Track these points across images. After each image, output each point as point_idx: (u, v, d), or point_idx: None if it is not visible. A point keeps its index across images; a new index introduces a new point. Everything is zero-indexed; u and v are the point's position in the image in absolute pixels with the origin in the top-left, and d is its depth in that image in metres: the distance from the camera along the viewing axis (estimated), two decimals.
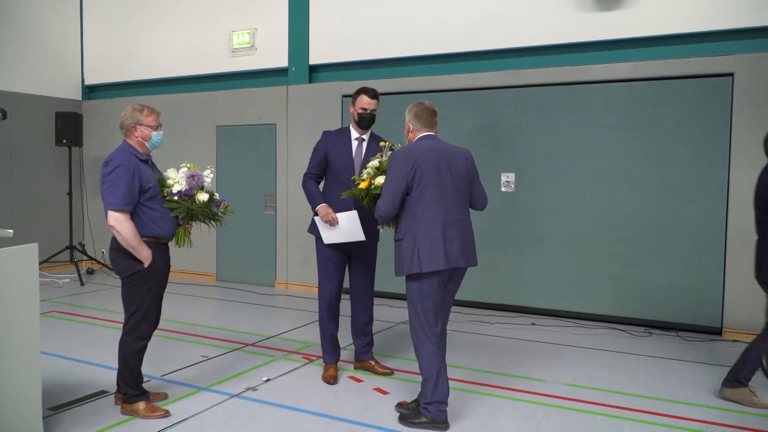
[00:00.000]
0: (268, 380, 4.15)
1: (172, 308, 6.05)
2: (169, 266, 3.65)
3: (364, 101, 4.13)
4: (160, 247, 3.52)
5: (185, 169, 3.63)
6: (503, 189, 6.34)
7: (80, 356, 4.63)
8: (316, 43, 7.37)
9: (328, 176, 4.21)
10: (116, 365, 3.57)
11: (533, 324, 5.89)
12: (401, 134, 6.73)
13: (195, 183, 3.58)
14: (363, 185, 3.67)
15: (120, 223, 3.30)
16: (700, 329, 5.58)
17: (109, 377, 4.08)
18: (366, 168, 3.76)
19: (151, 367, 4.30)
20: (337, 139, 4.19)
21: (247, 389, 3.97)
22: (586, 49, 6.08)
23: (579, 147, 6.05)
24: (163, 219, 3.50)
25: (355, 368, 4.42)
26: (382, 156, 3.77)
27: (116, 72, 8.90)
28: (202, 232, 3.99)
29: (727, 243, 5.46)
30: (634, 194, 5.82)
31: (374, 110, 4.16)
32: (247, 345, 5.05)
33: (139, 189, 3.38)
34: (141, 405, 3.51)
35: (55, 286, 7.44)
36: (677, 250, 5.66)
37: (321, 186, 4.24)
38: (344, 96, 7.11)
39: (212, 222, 3.71)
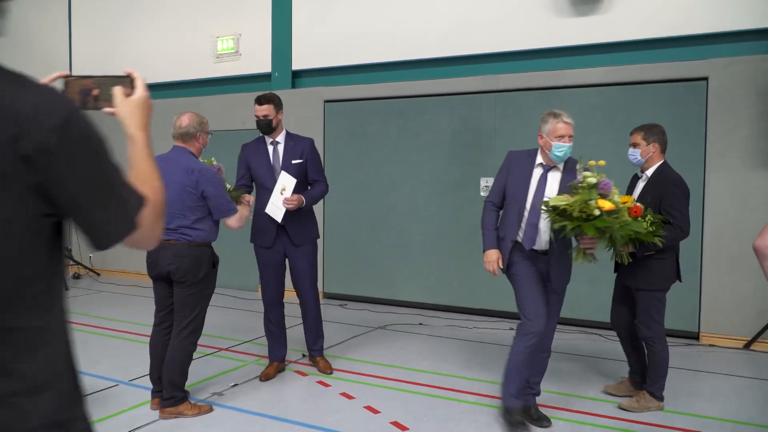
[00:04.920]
0: (235, 385, 4.16)
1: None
2: None
3: (255, 109, 4.28)
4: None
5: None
6: (483, 194, 6.35)
7: None
8: (299, 48, 7.40)
9: (255, 185, 4.41)
10: (90, 371, 3.58)
11: (511, 329, 5.87)
12: (382, 137, 6.82)
13: (221, 175, 3.83)
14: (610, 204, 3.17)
15: (239, 221, 3.56)
16: (677, 334, 5.56)
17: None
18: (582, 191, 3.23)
19: (120, 371, 4.32)
20: (254, 149, 4.37)
21: (213, 394, 3.98)
22: (563, 54, 6.10)
23: None
24: (216, 223, 3.68)
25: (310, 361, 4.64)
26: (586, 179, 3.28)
27: None
28: None
29: (703, 247, 5.45)
30: None
31: (267, 115, 4.24)
32: (221, 350, 5.06)
33: None
34: (187, 406, 3.59)
35: None
36: None
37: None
38: (326, 101, 7.15)
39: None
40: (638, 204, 3.44)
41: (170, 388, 3.52)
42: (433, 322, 6.10)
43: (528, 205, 3.45)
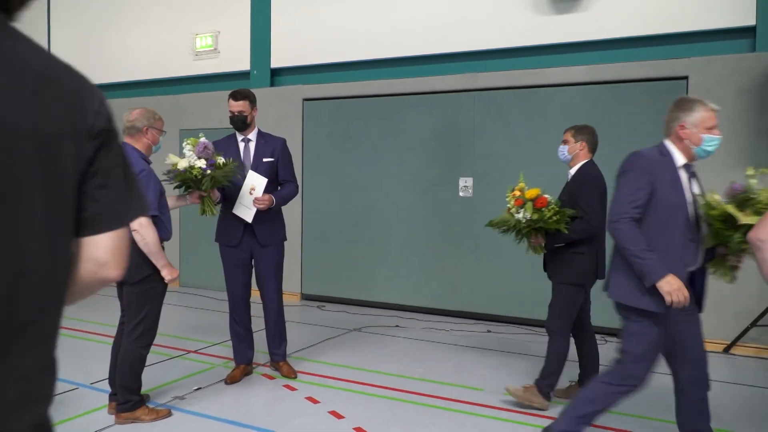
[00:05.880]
0: (199, 389, 4.04)
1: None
2: None
3: (230, 104, 4.17)
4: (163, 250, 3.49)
5: (189, 146, 3.72)
6: (461, 194, 6.25)
7: None
8: (278, 46, 7.30)
9: None
10: (67, 377, 3.48)
11: (488, 331, 5.78)
12: (361, 136, 6.71)
13: (210, 151, 3.71)
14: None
15: (145, 228, 3.23)
16: None
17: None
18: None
19: (81, 373, 4.20)
20: (225, 145, 4.23)
21: (175, 398, 3.86)
22: (543, 53, 6.01)
23: (536, 151, 5.96)
24: (167, 221, 3.50)
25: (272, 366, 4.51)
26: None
27: None
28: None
29: None
30: None
31: (242, 111, 4.15)
32: (189, 352, 4.94)
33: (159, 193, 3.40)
34: (144, 410, 3.47)
35: None
36: None
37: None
38: (305, 99, 7.05)
39: (230, 181, 3.87)
40: (545, 196, 3.63)
41: (123, 392, 3.40)
42: (410, 324, 6.00)
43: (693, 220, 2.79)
